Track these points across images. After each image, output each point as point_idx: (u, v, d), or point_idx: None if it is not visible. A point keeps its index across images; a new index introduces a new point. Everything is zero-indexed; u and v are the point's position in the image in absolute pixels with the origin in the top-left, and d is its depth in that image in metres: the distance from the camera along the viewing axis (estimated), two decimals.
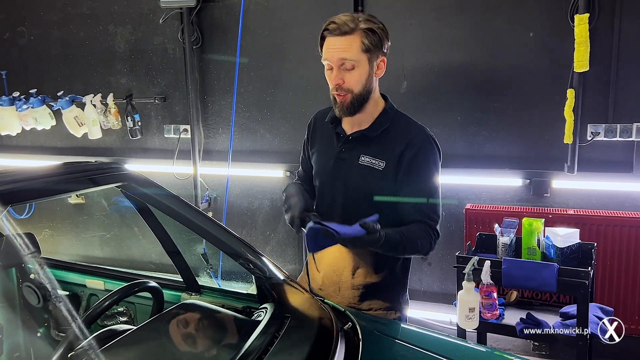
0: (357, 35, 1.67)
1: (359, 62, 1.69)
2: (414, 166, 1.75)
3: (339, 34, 1.67)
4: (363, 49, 1.68)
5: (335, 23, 1.68)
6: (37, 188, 1.47)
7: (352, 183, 1.80)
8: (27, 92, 4.09)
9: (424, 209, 1.77)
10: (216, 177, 3.94)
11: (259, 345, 1.35)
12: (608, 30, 2.93)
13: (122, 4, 3.98)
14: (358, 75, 1.70)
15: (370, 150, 1.78)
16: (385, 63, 1.77)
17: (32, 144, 4.51)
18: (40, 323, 2.21)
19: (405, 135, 1.77)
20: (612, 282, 3.00)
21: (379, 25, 1.71)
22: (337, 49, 1.68)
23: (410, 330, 1.62)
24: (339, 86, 1.71)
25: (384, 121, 1.79)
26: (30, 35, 4.32)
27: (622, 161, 3.04)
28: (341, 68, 1.69)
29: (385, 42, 1.73)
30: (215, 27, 3.77)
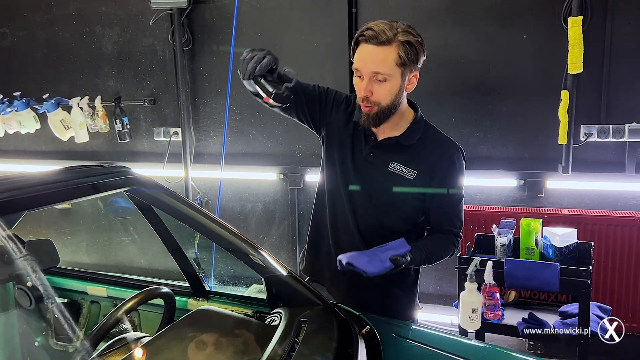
0: (394, 47, 1.58)
1: (392, 76, 1.60)
2: (448, 177, 1.73)
3: (375, 43, 1.58)
4: (398, 63, 1.59)
5: (373, 30, 1.58)
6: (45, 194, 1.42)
7: (378, 189, 1.75)
8: (10, 95, 3.99)
9: (453, 218, 1.79)
10: (208, 181, 3.90)
11: (281, 352, 1.33)
12: (600, 33, 2.98)
13: (110, 5, 3.91)
14: (389, 88, 1.62)
15: (401, 158, 1.73)
16: (417, 78, 1.69)
17: (15, 148, 4.40)
18: (38, 332, 2.15)
19: (440, 146, 1.74)
20: (606, 280, 3.05)
21: (418, 39, 1.63)
22: (372, 60, 1.58)
23: (426, 332, 1.62)
24: (367, 98, 1.63)
25: (417, 130, 1.74)
26: (13, 36, 4.21)
27: (614, 161, 3.09)
28: (372, 79, 1.61)
29: (421, 56, 1.66)
30: (206, 28, 3.72)
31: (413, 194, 1.73)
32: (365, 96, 1.62)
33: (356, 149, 1.78)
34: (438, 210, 1.77)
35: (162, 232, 1.86)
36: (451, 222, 1.79)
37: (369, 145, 1.76)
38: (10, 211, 1.21)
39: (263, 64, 1.52)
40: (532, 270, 2.40)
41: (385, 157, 1.74)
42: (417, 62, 1.65)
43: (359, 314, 1.64)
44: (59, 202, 1.44)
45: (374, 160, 1.75)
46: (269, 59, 1.54)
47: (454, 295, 3.21)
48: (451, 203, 1.77)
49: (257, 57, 1.53)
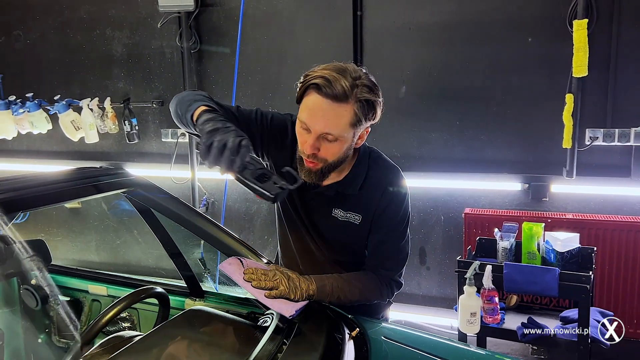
0: (350, 105, 1.39)
1: (344, 137, 1.44)
2: (385, 215, 1.60)
3: (330, 97, 1.37)
4: (352, 123, 1.41)
5: (328, 81, 1.37)
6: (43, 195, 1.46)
7: (328, 232, 1.66)
8: (23, 96, 4.06)
9: (383, 259, 1.65)
10: (214, 182, 3.94)
11: (268, 353, 1.35)
12: (606, 36, 2.96)
13: (120, 8, 3.97)
14: (338, 148, 1.46)
15: (344, 204, 1.61)
16: (368, 132, 1.53)
17: (27, 148, 4.49)
18: (42, 329, 2.19)
19: (380, 184, 1.59)
20: (610, 286, 3.02)
21: (378, 98, 1.44)
22: (324, 120, 1.40)
23: (416, 336, 1.62)
24: (313, 155, 1.46)
25: (360, 174, 1.59)
26: (26, 39, 4.29)
27: (620, 165, 3.07)
28: (320, 137, 1.43)
29: (378, 113, 1.47)
30: (213, 31, 3.76)
31: (363, 238, 1.65)
32: (311, 153, 1.45)
33: (300, 195, 1.65)
34: (371, 249, 1.65)
35: (161, 233, 1.89)
36: (382, 263, 1.65)
37: (311, 191, 1.61)
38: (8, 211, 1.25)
39: (241, 154, 1.28)
40: (531, 275, 2.40)
41: (328, 204, 1.62)
42: (374, 119, 1.48)
43: (351, 316, 1.65)
44: (55, 203, 1.47)
45: (317, 206, 1.64)
46: (247, 146, 1.29)
47: (456, 298, 3.21)
48: (384, 242, 1.63)
49: (232, 147, 1.26)
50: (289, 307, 1.45)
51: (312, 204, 1.65)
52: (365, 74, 1.45)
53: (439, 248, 3.51)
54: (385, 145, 3.47)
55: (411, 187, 3.34)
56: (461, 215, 3.29)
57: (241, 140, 1.28)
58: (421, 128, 3.41)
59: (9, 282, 2.16)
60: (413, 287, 3.61)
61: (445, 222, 3.46)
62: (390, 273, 1.68)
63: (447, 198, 3.43)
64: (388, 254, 1.66)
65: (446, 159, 3.38)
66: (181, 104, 1.52)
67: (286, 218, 1.74)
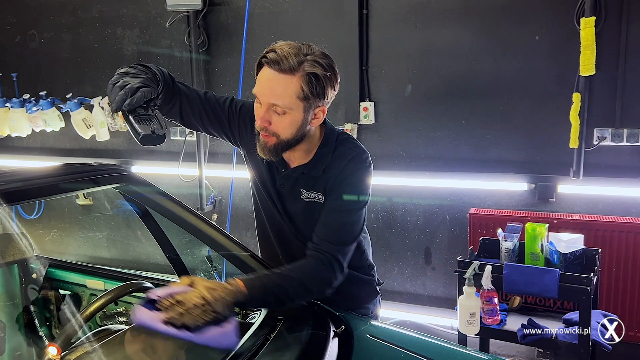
0: (297, 78, 1.42)
1: (293, 110, 1.46)
2: (338, 185, 1.58)
3: (277, 69, 1.42)
4: (300, 97, 1.44)
5: (277, 53, 1.43)
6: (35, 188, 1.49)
7: (300, 216, 1.66)
8: (37, 94, 4.15)
9: (328, 227, 1.57)
10: (221, 179, 3.96)
11: (249, 347, 1.35)
12: (615, 34, 2.91)
13: (131, 7, 4.02)
14: (289, 122, 1.47)
15: (309, 184, 1.62)
16: (325, 113, 1.53)
17: (41, 145, 4.57)
18: (42, 322, 2.23)
19: (342, 162, 1.59)
20: (617, 288, 2.97)
21: (327, 72, 1.45)
22: (270, 90, 1.44)
23: (405, 335, 1.62)
24: (265, 128, 1.49)
25: (325, 155, 1.59)
26: (40, 38, 4.38)
27: (629, 166, 3.01)
28: (271, 109, 1.46)
29: (329, 91, 1.48)
30: (221, 30, 3.79)
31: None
32: (263, 126, 1.49)
33: (272, 179, 1.67)
34: (321, 219, 1.59)
35: (153, 228, 1.91)
36: (326, 233, 1.56)
37: (280, 175, 1.64)
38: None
39: (135, 98, 1.34)
40: (531, 276, 2.37)
41: (296, 187, 1.63)
42: (324, 97, 1.48)
43: (338, 313, 1.65)
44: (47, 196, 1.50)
45: (286, 191, 1.65)
46: (144, 92, 1.35)
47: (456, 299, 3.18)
48: (332, 211, 1.58)
49: (129, 89, 1.34)
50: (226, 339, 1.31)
51: (282, 190, 1.66)
52: (322, 52, 1.47)
53: (444, 248, 3.49)
54: (390, 145, 3.47)
55: (417, 186, 3.42)
56: (467, 215, 3.26)
57: (141, 87, 1.35)
58: (427, 127, 3.39)
59: (11, 275, 2.20)
60: (418, 287, 3.59)
61: (450, 222, 3.43)
62: (332, 248, 1.54)
63: (453, 198, 3.40)
64: (333, 225, 1.57)
65: (452, 159, 3.35)
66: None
67: (263, 207, 1.75)
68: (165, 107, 1.60)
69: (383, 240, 3.59)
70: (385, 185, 3.51)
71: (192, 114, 1.65)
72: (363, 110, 3.44)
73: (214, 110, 1.66)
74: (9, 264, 2.03)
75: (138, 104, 1.35)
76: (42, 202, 4.50)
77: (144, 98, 1.35)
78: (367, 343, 1.50)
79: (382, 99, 3.45)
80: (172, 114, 1.65)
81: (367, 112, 3.44)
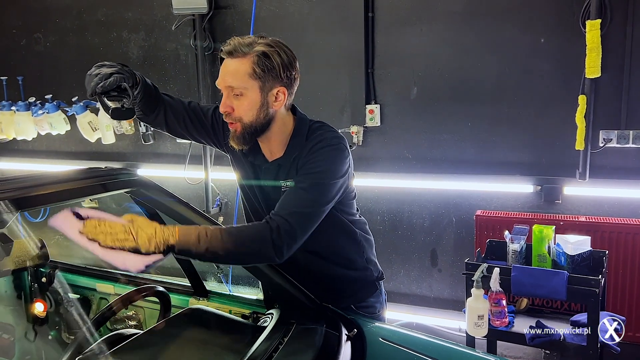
0: (247, 58, 1.49)
1: (247, 89, 1.51)
2: (303, 164, 1.59)
3: (230, 56, 1.52)
4: (252, 76, 1.50)
5: (230, 44, 1.52)
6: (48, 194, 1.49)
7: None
8: (42, 97, 4.15)
9: (284, 200, 1.54)
10: (227, 182, 3.97)
11: (263, 351, 1.36)
12: (620, 36, 2.91)
13: (136, 11, 4.03)
14: (247, 103, 1.53)
15: (287, 174, 1.64)
16: (286, 94, 1.57)
17: (47, 148, 4.58)
18: (52, 326, 2.24)
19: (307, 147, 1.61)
20: (624, 290, 2.97)
21: (276, 51, 1.52)
22: (225, 73, 1.53)
23: (416, 338, 1.62)
24: (227, 114, 1.55)
25: (297, 144, 1.63)
26: (46, 41, 4.39)
27: (635, 168, 3.01)
28: (231, 95, 1.53)
29: (282, 70, 1.53)
30: (227, 33, 3.80)
31: None
32: (225, 112, 1.55)
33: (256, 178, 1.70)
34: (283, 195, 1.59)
35: None
36: (280, 205, 1.53)
37: (262, 172, 1.69)
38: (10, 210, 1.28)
39: (107, 82, 1.45)
40: (539, 278, 2.37)
41: (275, 179, 1.66)
42: (279, 76, 1.53)
43: (350, 317, 1.65)
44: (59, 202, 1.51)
45: (268, 185, 1.68)
46: (116, 78, 1.46)
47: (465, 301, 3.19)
48: (291, 188, 1.58)
49: (103, 74, 1.46)
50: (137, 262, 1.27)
51: (265, 185, 1.70)
52: (276, 40, 1.55)
53: (450, 250, 3.49)
54: (396, 147, 3.48)
55: (423, 188, 3.43)
56: (473, 217, 3.26)
57: (113, 73, 1.46)
58: (433, 129, 3.39)
59: (20, 280, 2.21)
60: (424, 289, 3.59)
61: (456, 224, 3.43)
62: (280, 220, 1.47)
63: (459, 200, 3.40)
64: (288, 199, 1.54)
65: (458, 161, 3.36)
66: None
67: (250, 206, 1.77)
68: (150, 115, 1.70)
69: (389, 242, 3.60)
70: (391, 187, 3.52)
71: (177, 122, 1.74)
72: (369, 113, 3.45)
73: (198, 118, 1.75)
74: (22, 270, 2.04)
75: (111, 87, 1.45)
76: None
77: (116, 82, 1.46)
78: (379, 346, 1.50)
79: (388, 102, 3.46)
80: (157, 122, 1.74)
81: (372, 115, 3.45)
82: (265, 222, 1.48)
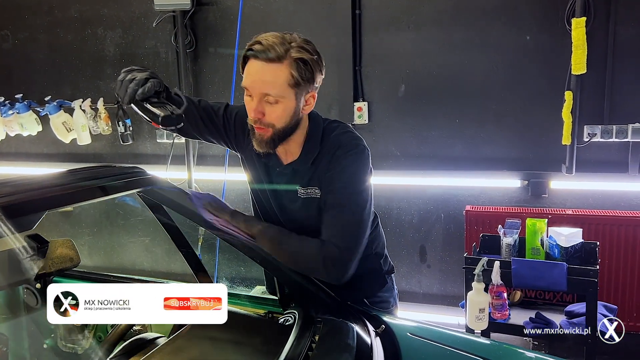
0: (285, 65, 1.43)
1: (285, 97, 1.46)
2: (330, 176, 1.57)
3: (264, 59, 1.43)
4: (291, 83, 1.45)
5: (262, 44, 1.43)
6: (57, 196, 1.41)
7: (299, 215, 1.65)
8: (12, 97, 3.97)
9: (327, 227, 1.55)
10: (211, 183, 3.89)
11: (299, 352, 1.33)
12: (604, 34, 3.00)
13: (113, 7, 3.91)
14: (282, 110, 1.48)
15: (304, 180, 1.61)
16: (315, 98, 1.55)
17: (16, 150, 4.39)
18: (47, 334, 2.14)
19: (330, 152, 1.58)
20: (610, 280, 3.06)
21: (313, 56, 1.48)
22: (261, 80, 1.45)
23: (439, 331, 1.61)
24: (259, 120, 1.49)
25: (313, 147, 1.59)
26: (14, 39, 4.20)
27: (617, 161, 3.11)
28: (263, 100, 1.47)
29: (317, 75, 1.51)
30: (209, 30, 3.73)
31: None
32: (257, 118, 1.49)
33: (269, 180, 1.68)
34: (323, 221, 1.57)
35: (174, 232, 1.85)
36: (326, 229, 1.55)
37: (275, 174, 1.65)
38: (31, 211, 1.21)
39: (146, 87, 1.41)
40: (539, 270, 2.42)
41: (290, 185, 1.63)
42: (314, 82, 1.51)
43: (374, 313, 1.64)
44: (77, 202, 1.44)
45: (283, 189, 1.65)
46: (153, 82, 1.43)
47: (459, 295, 3.22)
48: (330, 207, 1.56)
49: (139, 80, 1.41)
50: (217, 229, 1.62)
51: (279, 189, 1.67)
52: (304, 39, 1.50)
53: (439, 246, 3.52)
54: (384, 144, 3.48)
55: (411, 185, 3.45)
56: (461, 212, 3.30)
57: (149, 78, 1.42)
58: (421, 127, 3.42)
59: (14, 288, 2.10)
60: (414, 285, 3.62)
61: (445, 219, 3.47)
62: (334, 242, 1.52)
63: (447, 196, 3.44)
64: (336, 226, 1.54)
65: (446, 157, 3.39)
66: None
67: (261, 209, 1.76)
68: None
69: None
70: (379, 185, 3.52)
71: (190, 125, 1.68)
72: (357, 110, 3.44)
73: (210, 119, 1.71)
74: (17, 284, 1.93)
75: (150, 93, 1.42)
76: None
77: (154, 87, 1.42)
78: (410, 341, 1.49)
79: (376, 99, 3.47)
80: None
81: (360, 112, 3.45)
82: (319, 247, 1.53)
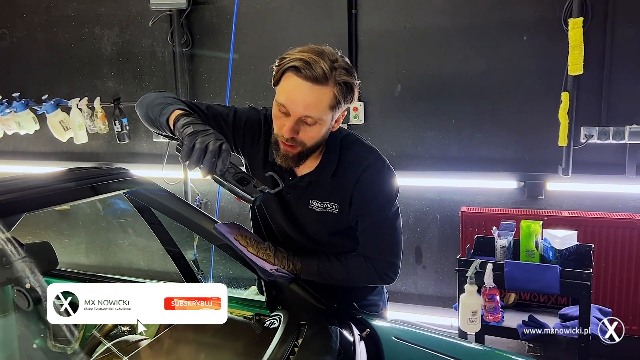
0: (330, 88, 1.38)
1: (323, 120, 1.42)
2: (366, 201, 1.56)
3: (309, 80, 1.36)
4: (332, 106, 1.40)
5: (307, 63, 1.35)
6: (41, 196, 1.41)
7: (308, 226, 1.64)
8: (9, 96, 3.98)
9: (370, 245, 1.61)
10: (207, 182, 3.88)
11: (280, 355, 1.32)
12: (601, 35, 2.98)
13: (110, 6, 3.90)
14: (317, 132, 1.44)
15: (319, 194, 1.58)
16: (345, 115, 1.52)
17: (14, 149, 4.39)
18: (37, 334, 2.14)
19: (354, 171, 1.54)
20: (606, 282, 3.04)
21: (356, 80, 1.44)
22: (304, 102, 1.38)
23: (427, 336, 1.61)
24: (292, 139, 1.44)
25: (331, 161, 1.55)
26: (12, 37, 4.20)
27: (614, 163, 3.09)
28: (299, 120, 1.41)
29: (355, 96, 1.47)
30: (206, 29, 3.72)
31: (343, 227, 1.62)
32: (290, 137, 1.43)
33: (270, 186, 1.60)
34: (360, 240, 1.62)
35: (161, 233, 1.85)
36: (370, 249, 1.60)
37: (286, 183, 1.58)
38: (9, 213, 1.20)
39: (222, 159, 1.29)
40: (532, 273, 2.40)
41: (304, 196, 1.60)
42: (350, 102, 1.47)
43: (359, 316, 1.63)
44: (58, 203, 1.43)
45: (293, 199, 1.62)
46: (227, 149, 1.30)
47: (454, 297, 3.20)
48: (371, 227, 1.59)
49: (213, 150, 1.28)
50: (271, 266, 1.58)
51: (289, 197, 1.62)
52: (341, 56, 1.43)
53: (435, 247, 3.51)
54: (380, 144, 3.41)
55: (407, 185, 3.43)
56: (457, 213, 3.28)
57: (222, 144, 1.29)
58: (416, 127, 3.40)
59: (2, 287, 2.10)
60: (409, 286, 3.60)
61: (441, 220, 3.45)
62: (383, 258, 1.62)
63: (443, 197, 3.42)
64: (380, 243, 1.61)
65: (442, 158, 3.38)
66: (152, 108, 1.53)
67: (260, 216, 1.74)
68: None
69: None
70: None
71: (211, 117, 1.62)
72: (353, 110, 3.43)
73: (219, 126, 1.61)
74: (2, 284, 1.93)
75: (227, 164, 1.32)
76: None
77: (229, 156, 1.32)
78: (395, 345, 1.48)
79: (372, 99, 3.45)
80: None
81: (357, 112, 3.43)
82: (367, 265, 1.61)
